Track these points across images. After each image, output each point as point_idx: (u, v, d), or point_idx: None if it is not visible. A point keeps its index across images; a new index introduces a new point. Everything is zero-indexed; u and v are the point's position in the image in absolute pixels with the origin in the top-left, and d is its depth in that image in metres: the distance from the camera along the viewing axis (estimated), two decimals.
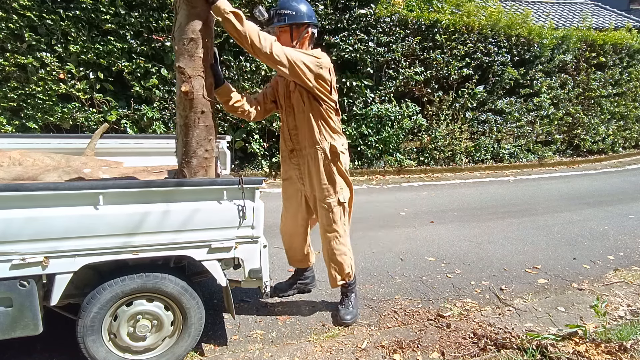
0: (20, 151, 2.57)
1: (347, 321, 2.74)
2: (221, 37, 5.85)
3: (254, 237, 2.14)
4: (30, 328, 1.89)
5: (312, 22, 2.45)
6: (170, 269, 2.17)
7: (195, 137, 2.11)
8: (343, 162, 2.63)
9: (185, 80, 2.03)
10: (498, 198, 6.03)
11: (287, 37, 2.43)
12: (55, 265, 1.86)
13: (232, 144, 6.28)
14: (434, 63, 7.23)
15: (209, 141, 2.17)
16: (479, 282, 3.39)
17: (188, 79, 2.03)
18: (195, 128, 2.10)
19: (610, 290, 3.27)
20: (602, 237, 4.47)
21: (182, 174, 2.15)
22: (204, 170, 2.17)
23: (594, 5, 15.97)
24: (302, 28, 2.44)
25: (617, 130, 9.66)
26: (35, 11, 5.08)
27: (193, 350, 2.36)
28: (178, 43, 2.03)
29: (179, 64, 2.04)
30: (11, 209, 1.76)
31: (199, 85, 2.06)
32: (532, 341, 2.42)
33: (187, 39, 2.00)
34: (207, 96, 2.11)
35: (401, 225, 4.69)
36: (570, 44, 8.35)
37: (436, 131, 7.51)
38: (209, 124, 2.15)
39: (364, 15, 6.60)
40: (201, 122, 2.11)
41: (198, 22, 2.00)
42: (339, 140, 2.63)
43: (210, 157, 2.19)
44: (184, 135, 2.12)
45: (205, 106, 2.11)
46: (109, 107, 5.69)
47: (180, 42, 2.01)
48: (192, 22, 1.99)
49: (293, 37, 2.43)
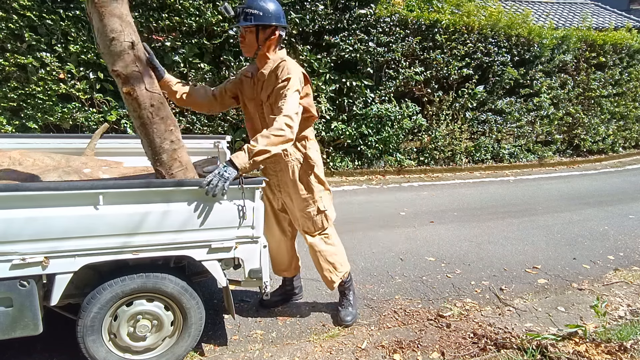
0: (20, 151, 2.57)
1: (347, 322, 2.73)
2: (221, 37, 5.85)
3: (254, 237, 2.14)
4: (30, 328, 1.89)
5: (280, 24, 2.31)
6: (170, 269, 2.17)
7: (156, 133, 2.06)
8: (318, 167, 2.57)
9: (122, 81, 1.96)
10: (498, 198, 6.03)
11: (252, 37, 2.31)
12: (55, 265, 1.86)
13: (232, 144, 6.28)
14: (434, 63, 7.23)
15: (171, 132, 2.10)
16: (479, 282, 3.39)
17: (124, 78, 1.96)
18: (152, 124, 2.04)
19: (610, 290, 3.27)
20: (602, 237, 4.47)
21: (159, 174, 2.12)
22: (178, 161, 2.12)
23: (594, 5, 15.97)
24: (268, 30, 2.30)
25: (617, 130, 9.66)
26: (35, 11, 5.08)
27: (193, 350, 2.36)
28: (103, 49, 1.95)
29: (111, 68, 1.96)
30: (11, 209, 1.75)
31: (137, 82, 1.98)
32: (532, 341, 2.42)
33: (109, 39, 1.91)
34: (151, 89, 2.04)
35: (401, 225, 4.69)
36: (570, 44, 8.35)
37: (436, 131, 7.51)
38: (165, 115, 2.08)
39: (364, 15, 6.60)
40: (155, 116, 2.04)
41: (113, 20, 1.90)
42: (313, 147, 2.57)
43: (178, 147, 2.13)
44: (144, 135, 2.07)
45: (153, 99, 2.04)
46: (109, 107, 5.69)
47: (104, 46, 1.93)
48: (107, 22, 1.89)
49: (259, 39, 2.31)
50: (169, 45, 5.63)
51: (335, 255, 2.66)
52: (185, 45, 5.75)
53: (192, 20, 5.64)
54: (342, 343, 2.53)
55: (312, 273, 3.22)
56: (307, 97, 2.44)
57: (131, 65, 1.97)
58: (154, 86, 2.07)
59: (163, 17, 5.54)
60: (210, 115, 6.15)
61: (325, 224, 2.63)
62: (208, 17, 5.66)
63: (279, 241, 2.80)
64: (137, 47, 1.98)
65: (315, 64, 6.44)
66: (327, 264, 2.65)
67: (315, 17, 6.28)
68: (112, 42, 1.91)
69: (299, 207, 2.57)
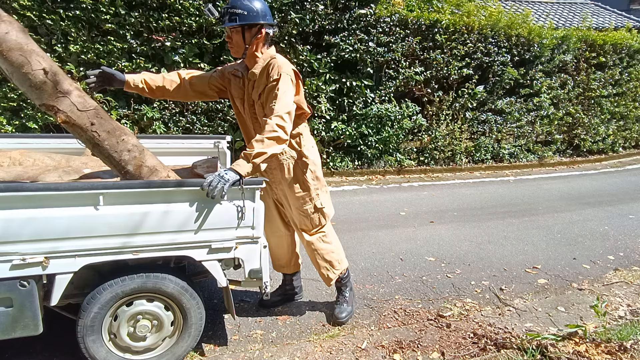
0: (21, 151, 2.57)
1: (342, 319, 2.73)
2: (221, 37, 5.85)
3: (254, 237, 2.14)
4: (31, 328, 1.90)
5: (266, 22, 2.27)
6: (170, 269, 2.17)
7: (111, 149, 1.99)
8: (314, 164, 2.55)
9: (54, 112, 1.88)
10: (498, 198, 6.03)
11: (239, 38, 2.28)
12: (56, 266, 1.86)
13: (232, 144, 6.28)
14: (434, 63, 7.23)
15: (124, 142, 2.02)
16: (479, 282, 3.39)
17: (54, 108, 1.87)
18: (103, 141, 1.97)
19: (610, 290, 3.28)
20: (602, 237, 4.48)
21: None
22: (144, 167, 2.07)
23: (594, 5, 15.96)
24: (254, 29, 2.26)
25: (617, 130, 9.66)
26: (35, 11, 5.08)
27: (193, 350, 2.36)
28: (22, 87, 1.86)
29: (38, 104, 1.89)
30: (11, 209, 1.75)
31: (67, 106, 1.89)
32: (532, 341, 2.42)
33: (22, 75, 1.79)
34: (84, 108, 1.94)
35: (401, 225, 4.69)
36: (570, 44, 8.35)
37: (436, 131, 7.51)
38: (110, 128, 2.00)
39: (364, 15, 6.60)
40: (101, 132, 1.96)
41: (15, 55, 1.77)
42: (308, 143, 2.55)
43: (139, 154, 2.06)
44: (100, 154, 2.02)
45: (90, 117, 1.94)
46: (109, 107, 5.68)
47: (22, 85, 1.84)
48: (11, 59, 1.77)
49: (245, 39, 2.28)
50: (169, 45, 5.63)
51: (332, 253, 2.66)
52: (185, 45, 5.75)
53: (192, 20, 5.64)
54: (342, 343, 2.53)
55: (312, 273, 3.23)
56: (298, 95, 2.41)
57: (53, 93, 1.86)
58: (86, 104, 1.96)
59: (163, 17, 5.54)
60: (210, 115, 6.15)
61: (323, 222, 2.62)
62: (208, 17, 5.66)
63: (280, 235, 2.79)
64: (51, 71, 1.85)
65: (315, 64, 6.44)
66: (324, 262, 2.66)
67: (315, 17, 6.28)
68: (25, 77, 1.80)
69: (295, 205, 2.56)
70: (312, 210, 2.56)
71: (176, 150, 3.12)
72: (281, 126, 2.13)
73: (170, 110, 5.91)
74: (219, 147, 3.18)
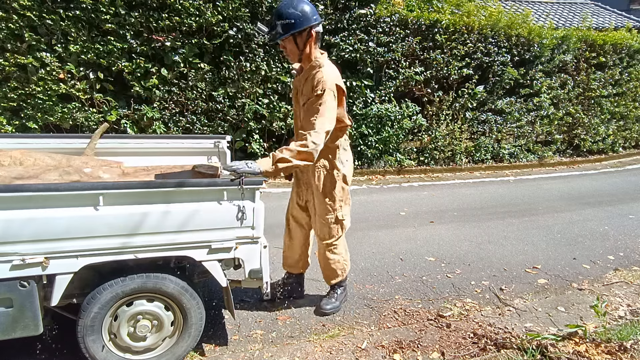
0: (21, 151, 2.57)
1: (326, 310, 2.80)
2: (221, 37, 5.85)
3: (254, 237, 2.14)
4: (31, 328, 1.90)
5: (313, 23, 2.33)
6: (170, 269, 2.17)
7: None
8: (345, 177, 2.63)
9: None
10: (498, 198, 6.03)
11: (292, 46, 2.35)
12: (56, 266, 1.86)
13: (232, 144, 6.28)
14: (434, 63, 7.23)
15: None
16: (479, 282, 3.39)
17: None
18: None
19: (610, 290, 3.27)
20: (602, 237, 4.48)
21: None
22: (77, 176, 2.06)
23: (594, 5, 15.96)
24: (304, 33, 2.33)
25: (617, 130, 9.66)
26: (35, 11, 5.08)
27: (193, 350, 2.36)
28: None
29: None
30: (11, 209, 1.75)
31: None
32: (532, 341, 2.42)
33: None
34: None
35: (401, 225, 4.69)
36: (570, 44, 8.35)
37: (436, 131, 7.51)
38: None
39: (364, 15, 6.60)
40: None
41: None
42: (344, 157, 2.61)
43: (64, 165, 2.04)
44: None
45: None
46: (109, 107, 5.69)
47: None
48: None
49: (298, 45, 2.35)
50: (169, 45, 5.63)
51: (338, 263, 2.77)
52: (185, 45, 5.75)
53: (192, 20, 5.64)
54: (342, 343, 2.53)
55: (312, 273, 3.23)
56: (340, 108, 2.46)
57: None
58: None
59: (163, 17, 5.54)
60: (210, 115, 6.15)
61: (340, 233, 2.71)
62: (208, 17, 5.65)
63: (294, 235, 2.87)
64: None
65: None
66: (329, 270, 2.80)
67: None
68: None
69: (319, 212, 2.65)
70: (333, 221, 2.64)
71: (176, 150, 3.13)
72: (316, 144, 2.20)
73: (170, 110, 5.91)
74: (219, 147, 3.18)
